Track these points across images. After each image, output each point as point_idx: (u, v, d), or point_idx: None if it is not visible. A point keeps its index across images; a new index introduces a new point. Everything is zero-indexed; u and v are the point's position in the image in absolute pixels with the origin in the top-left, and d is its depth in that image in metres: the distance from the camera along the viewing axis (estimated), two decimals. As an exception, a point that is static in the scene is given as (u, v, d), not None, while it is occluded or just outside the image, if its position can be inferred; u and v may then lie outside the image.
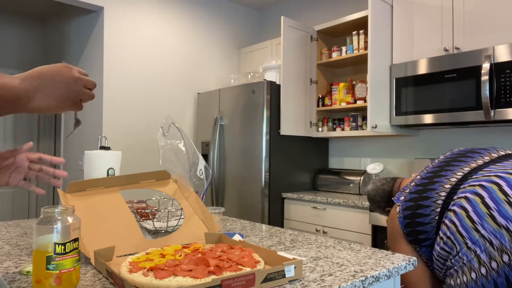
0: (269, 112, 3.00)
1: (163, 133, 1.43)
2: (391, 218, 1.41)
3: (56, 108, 0.68)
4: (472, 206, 1.16)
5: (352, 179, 3.05)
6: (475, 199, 1.17)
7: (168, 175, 1.39)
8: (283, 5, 4.05)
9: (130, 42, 3.31)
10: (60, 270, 0.77)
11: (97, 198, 1.21)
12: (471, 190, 1.20)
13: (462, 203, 1.19)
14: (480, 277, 1.09)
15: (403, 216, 1.35)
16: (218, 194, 3.33)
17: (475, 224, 1.14)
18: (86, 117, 3.48)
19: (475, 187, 1.20)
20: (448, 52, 2.42)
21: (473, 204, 1.17)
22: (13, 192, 4.60)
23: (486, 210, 1.13)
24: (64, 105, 0.69)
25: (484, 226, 1.12)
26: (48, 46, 4.58)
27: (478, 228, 1.12)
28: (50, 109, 0.67)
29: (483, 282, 1.09)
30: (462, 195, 1.21)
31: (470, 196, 1.19)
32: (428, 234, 1.29)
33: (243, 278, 0.79)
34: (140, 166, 3.34)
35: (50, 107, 0.67)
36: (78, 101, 0.72)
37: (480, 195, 1.17)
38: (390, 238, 1.41)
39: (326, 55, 3.26)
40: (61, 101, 0.68)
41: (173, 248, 1.00)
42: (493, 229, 1.10)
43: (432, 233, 1.28)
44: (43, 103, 0.66)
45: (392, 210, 1.42)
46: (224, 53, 3.99)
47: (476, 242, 1.12)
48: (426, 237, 1.29)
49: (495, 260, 1.08)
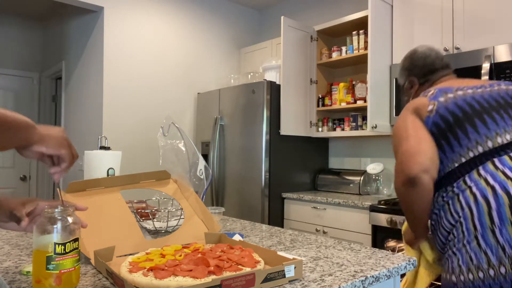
0: (269, 112, 3.00)
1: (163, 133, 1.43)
2: (418, 103, 1.28)
3: (53, 143, 0.81)
4: (497, 205, 1.08)
5: (352, 179, 3.05)
6: (503, 197, 1.08)
7: (168, 175, 1.39)
8: (283, 5, 4.05)
9: (130, 42, 3.31)
10: (60, 270, 0.77)
11: (97, 198, 1.21)
12: (502, 181, 1.10)
13: (487, 195, 1.10)
14: (488, 278, 1.07)
15: (433, 122, 1.23)
16: (218, 194, 3.34)
17: (493, 225, 1.07)
18: (86, 117, 3.48)
19: (508, 180, 1.10)
20: (448, 52, 2.42)
21: (499, 202, 1.08)
22: (13, 192, 4.60)
23: (511, 215, 1.06)
24: (59, 143, 0.82)
25: (503, 232, 1.06)
26: (48, 46, 4.58)
27: (496, 231, 1.07)
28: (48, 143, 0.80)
29: (491, 283, 1.07)
30: (491, 182, 1.11)
31: (499, 191, 1.09)
32: (445, 160, 1.21)
33: (243, 278, 0.79)
34: (140, 166, 3.34)
35: (50, 139, 0.81)
36: (67, 146, 0.84)
37: (509, 195, 1.08)
38: (403, 124, 1.27)
39: (326, 55, 3.26)
40: (56, 139, 0.82)
41: (173, 248, 1.00)
42: (511, 238, 1.05)
43: (448, 166, 1.20)
44: (40, 138, 0.79)
45: (422, 99, 1.29)
46: (224, 53, 3.99)
47: (489, 243, 1.07)
48: (442, 158, 1.21)
49: (505, 266, 1.05)
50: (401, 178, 1.16)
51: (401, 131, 1.25)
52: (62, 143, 0.83)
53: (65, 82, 3.98)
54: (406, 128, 1.24)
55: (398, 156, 1.21)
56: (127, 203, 1.43)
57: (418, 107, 1.28)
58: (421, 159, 1.14)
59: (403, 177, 1.15)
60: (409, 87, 1.52)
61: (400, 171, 1.17)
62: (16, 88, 4.58)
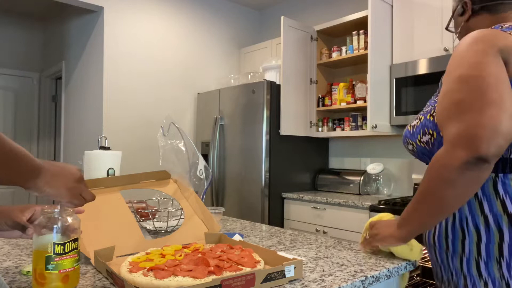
0: (269, 112, 3.00)
1: (163, 133, 1.43)
2: (506, 41, 0.86)
3: (57, 192, 0.77)
4: None
5: (352, 179, 3.05)
6: None
7: (168, 175, 1.39)
8: (283, 5, 4.05)
9: (130, 42, 3.31)
10: (60, 270, 0.77)
11: (97, 198, 1.21)
12: None
13: None
14: None
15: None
16: (218, 194, 3.34)
17: (502, 257, 0.88)
18: (86, 117, 3.48)
19: None
20: (448, 52, 2.42)
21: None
22: (13, 192, 4.60)
23: None
24: (62, 191, 0.77)
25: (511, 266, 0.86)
26: (48, 46, 4.58)
27: (502, 265, 0.87)
28: (52, 191, 0.76)
29: None
30: None
31: None
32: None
33: (243, 278, 0.79)
34: (140, 166, 3.34)
35: (52, 189, 0.75)
36: (78, 195, 0.80)
37: None
38: (479, 68, 0.84)
39: (326, 55, 3.26)
40: (63, 188, 0.77)
41: (173, 248, 1.00)
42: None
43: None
44: (48, 185, 0.74)
45: (491, 30, 0.90)
46: (224, 53, 3.99)
47: (493, 277, 0.89)
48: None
49: None
50: (464, 154, 0.79)
51: (477, 79, 0.82)
52: (74, 191, 0.79)
53: (65, 82, 3.98)
54: (485, 75, 0.82)
55: (464, 118, 0.81)
56: (127, 203, 1.43)
57: (508, 48, 0.85)
58: (504, 135, 0.78)
59: (469, 153, 0.79)
60: (460, 13, 1.10)
61: (466, 143, 0.79)
62: (16, 88, 4.58)
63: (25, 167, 0.69)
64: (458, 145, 0.80)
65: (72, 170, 0.79)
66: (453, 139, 0.82)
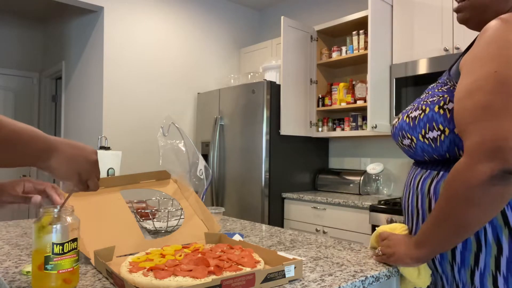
0: (269, 112, 3.00)
1: (163, 133, 1.43)
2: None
3: (66, 176, 0.73)
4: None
5: (352, 179, 3.05)
6: None
7: (168, 175, 1.39)
8: (283, 5, 4.05)
9: (130, 42, 3.31)
10: (59, 270, 0.77)
11: (97, 198, 1.21)
12: None
13: None
14: None
15: None
16: (218, 194, 3.33)
17: None
18: (86, 117, 3.48)
19: None
20: (448, 52, 2.42)
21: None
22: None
23: None
24: (71, 176, 0.74)
25: None
26: (48, 46, 4.58)
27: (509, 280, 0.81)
28: (61, 174, 0.72)
29: None
30: None
31: None
32: None
33: (243, 278, 0.79)
34: (140, 166, 3.34)
35: (62, 172, 0.72)
36: (84, 181, 0.76)
37: None
38: None
39: (326, 55, 3.26)
40: (73, 173, 0.73)
41: (173, 248, 1.00)
42: None
43: None
44: (59, 167, 0.71)
45: None
46: (224, 53, 3.99)
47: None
48: None
49: None
50: (488, 167, 0.71)
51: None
52: (83, 177, 0.75)
53: (65, 82, 3.98)
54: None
55: (492, 125, 0.72)
56: (127, 203, 1.42)
57: None
58: None
59: (494, 165, 0.70)
60: None
61: (491, 154, 0.71)
62: (16, 88, 4.58)
63: (33, 148, 0.66)
64: (481, 158, 0.71)
65: (88, 155, 0.75)
66: (476, 151, 0.72)
